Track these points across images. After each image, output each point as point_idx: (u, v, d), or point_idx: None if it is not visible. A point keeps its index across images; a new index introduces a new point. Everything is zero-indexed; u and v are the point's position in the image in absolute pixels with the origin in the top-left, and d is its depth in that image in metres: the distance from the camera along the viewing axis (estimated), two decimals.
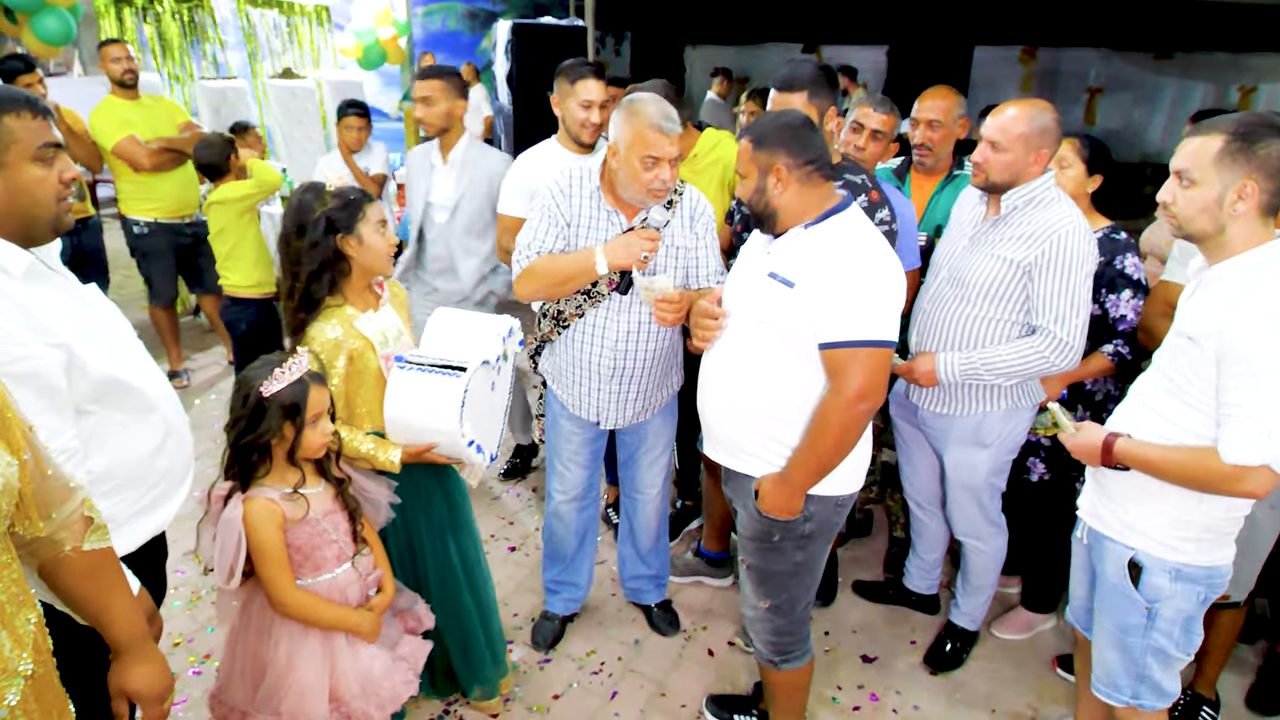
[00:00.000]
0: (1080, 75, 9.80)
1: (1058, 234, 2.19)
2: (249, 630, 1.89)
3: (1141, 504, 1.84)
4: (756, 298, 1.95)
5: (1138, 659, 1.90)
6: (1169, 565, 1.82)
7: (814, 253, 1.86)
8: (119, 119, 4.41)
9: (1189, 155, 1.69)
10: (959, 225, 2.50)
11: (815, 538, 2.06)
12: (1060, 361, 2.21)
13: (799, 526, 2.02)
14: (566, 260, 2.28)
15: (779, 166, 1.87)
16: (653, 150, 2.17)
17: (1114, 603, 1.92)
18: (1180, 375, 1.73)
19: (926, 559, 2.97)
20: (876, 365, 1.82)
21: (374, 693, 1.90)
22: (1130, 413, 1.90)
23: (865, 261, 1.83)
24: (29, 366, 1.38)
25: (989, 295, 2.30)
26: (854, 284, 1.80)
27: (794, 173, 1.87)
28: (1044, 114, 2.23)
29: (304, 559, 1.85)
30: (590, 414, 2.53)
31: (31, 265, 1.47)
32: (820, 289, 1.82)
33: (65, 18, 5.15)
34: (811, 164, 1.87)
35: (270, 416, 1.74)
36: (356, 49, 8.18)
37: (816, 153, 1.88)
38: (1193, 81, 8.98)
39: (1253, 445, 1.59)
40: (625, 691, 2.69)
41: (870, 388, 1.81)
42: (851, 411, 1.83)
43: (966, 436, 2.46)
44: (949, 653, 2.81)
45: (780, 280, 1.87)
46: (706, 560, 3.22)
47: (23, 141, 1.42)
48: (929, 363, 2.39)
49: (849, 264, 1.82)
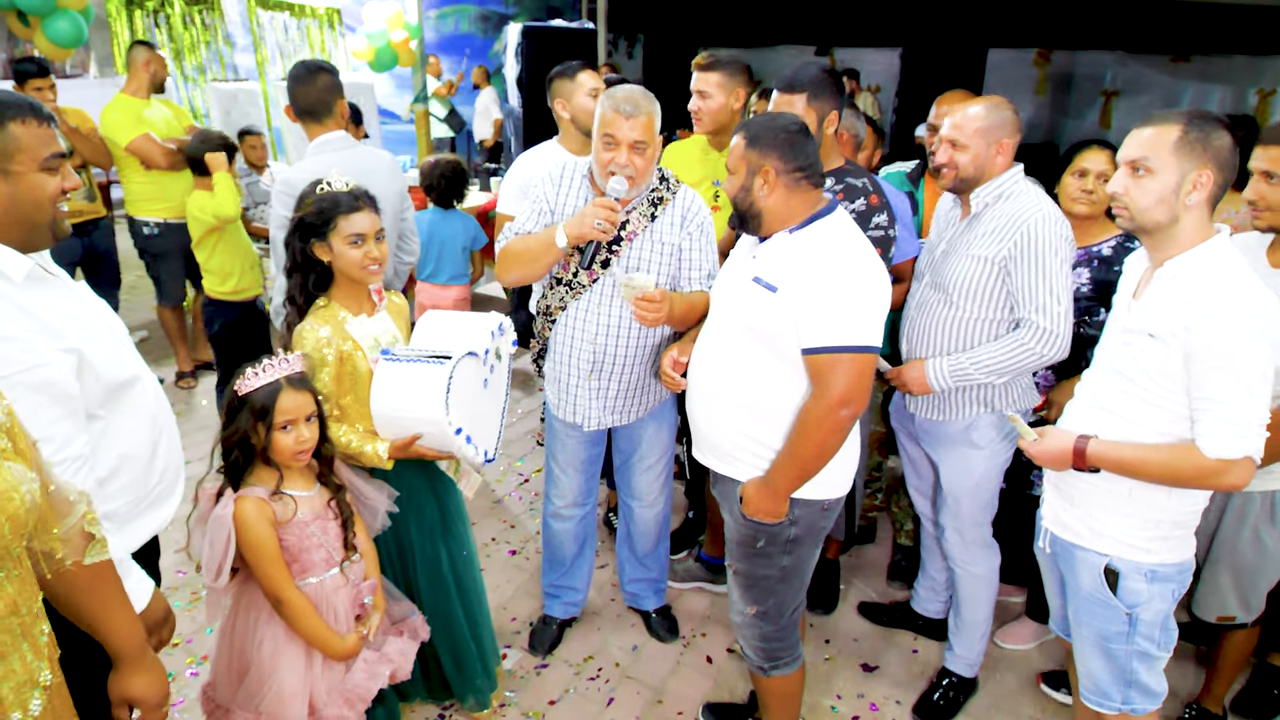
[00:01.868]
0: (1096, 78, 9.69)
1: (1026, 224, 2.16)
2: (236, 628, 1.90)
3: (1111, 508, 1.82)
4: (741, 302, 1.94)
5: (1123, 665, 1.89)
6: (1144, 568, 1.81)
7: (798, 258, 1.86)
8: (133, 116, 4.44)
9: (1144, 144, 1.68)
10: (937, 229, 2.48)
11: (801, 542, 2.04)
12: (1048, 351, 2.17)
13: (784, 531, 2.00)
14: (534, 238, 2.31)
15: (768, 168, 1.86)
16: (609, 129, 2.19)
17: (1092, 612, 1.90)
18: (1141, 375, 1.72)
19: (936, 578, 2.86)
20: (859, 370, 1.81)
21: (341, 692, 1.90)
22: (1086, 416, 1.88)
23: (848, 267, 1.83)
24: (44, 375, 1.38)
25: (970, 296, 2.27)
26: (837, 289, 1.80)
27: (782, 177, 1.86)
28: (999, 108, 2.24)
29: (291, 560, 1.85)
30: (573, 414, 2.51)
31: (31, 270, 1.47)
32: (803, 294, 1.82)
33: (77, 20, 5.19)
34: (801, 170, 1.87)
35: (241, 416, 1.75)
36: (368, 52, 8.21)
37: (807, 160, 1.87)
38: (1211, 85, 8.86)
39: (1234, 438, 1.61)
40: (622, 698, 2.66)
41: (853, 393, 1.82)
42: (834, 416, 1.83)
43: (959, 438, 2.42)
44: (942, 704, 2.62)
45: (764, 285, 1.87)
46: (707, 566, 3.20)
47: (29, 149, 1.42)
48: (918, 369, 2.35)
49: (832, 269, 1.82)
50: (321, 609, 1.89)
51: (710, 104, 2.82)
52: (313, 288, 2.04)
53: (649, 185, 2.34)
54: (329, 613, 1.90)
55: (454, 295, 4.24)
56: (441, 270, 4.19)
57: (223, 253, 3.96)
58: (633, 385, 2.47)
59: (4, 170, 1.40)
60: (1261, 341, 1.58)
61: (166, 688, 1.50)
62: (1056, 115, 9.92)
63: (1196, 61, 8.91)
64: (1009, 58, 9.79)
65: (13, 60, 4.54)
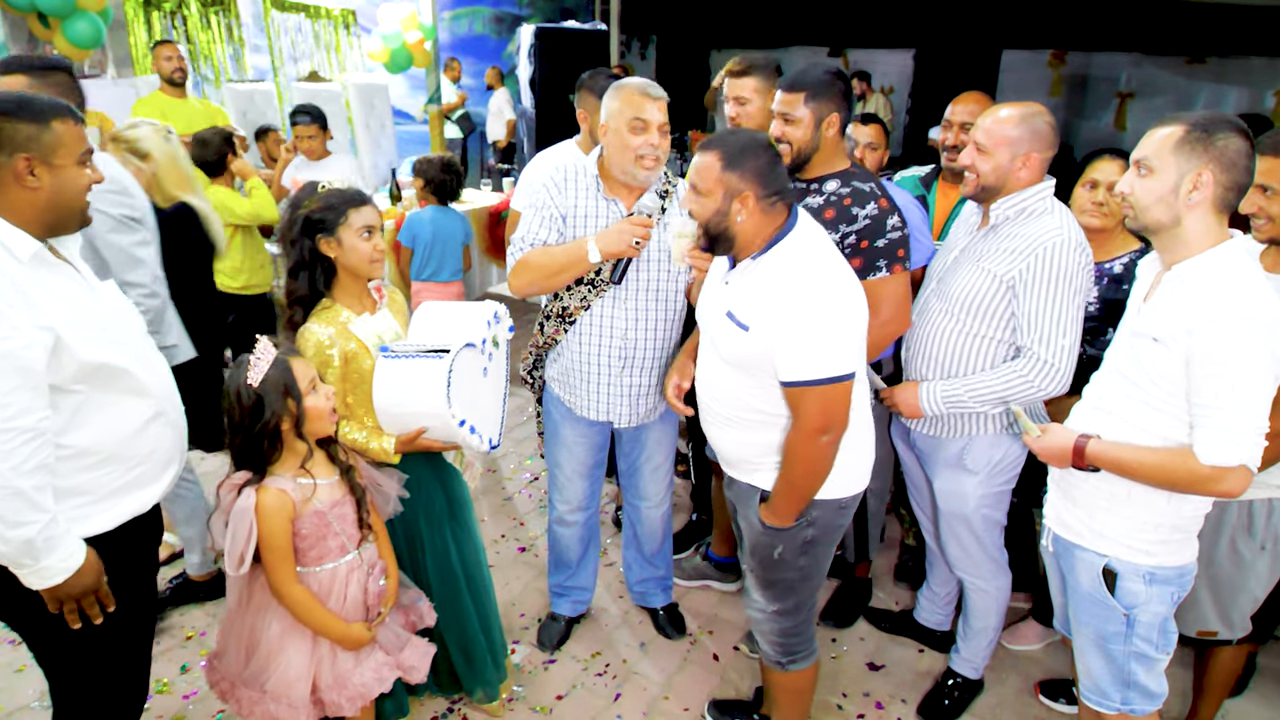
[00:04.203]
0: (1111, 80, 9.65)
1: (1043, 247, 2.06)
2: (250, 606, 1.93)
3: (1110, 509, 1.82)
4: (720, 337, 1.94)
5: (1121, 665, 1.89)
6: (1143, 570, 1.81)
7: (764, 290, 1.83)
8: (158, 111, 4.54)
9: (1149, 144, 1.69)
10: (956, 234, 2.41)
11: (818, 543, 2.05)
12: (1046, 385, 2.08)
13: (801, 533, 2.01)
14: (560, 251, 2.28)
15: (747, 194, 1.81)
16: (639, 113, 2.20)
17: (1091, 611, 1.90)
18: (1144, 378, 1.71)
19: (939, 592, 2.82)
20: (834, 398, 1.81)
21: (344, 684, 1.93)
22: (1090, 418, 1.87)
23: (814, 296, 1.78)
24: (8, 346, 1.48)
25: (971, 310, 2.19)
26: (804, 324, 1.77)
27: (760, 202, 1.82)
28: (1034, 117, 2.11)
29: (309, 547, 1.89)
30: (602, 414, 2.49)
31: (39, 252, 1.60)
32: (773, 332, 1.80)
33: (95, 21, 5.27)
34: (778, 194, 1.84)
35: (270, 401, 1.78)
36: (383, 53, 8.27)
37: (782, 182, 1.85)
38: (1226, 86, 8.79)
39: (1230, 446, 1.60)
40: (629, 694, 2.68)
41: (829, 421, 1.83)
42: (813, 444, 1.85)
43: (952, 460, 2.35)
44: (947, 704, 2.62)
45: (736, 323, 1.86)
46: (714, 564, 3.21)
47: (69, 145, 1.61)
48: (912, 393, 2.28)
49: (798, 303, 1.78)
50: (335, 594, 1.92)
51: (750, 109, 2.75)
52: (321, 285, 2.06)
53: (661, 178, 2.35)
54: (341, 598, 1.93)
55: (455, 290, 4.32)
56: (445, 268, 4.26)
57: (239, 250, 4.00)
58: (661, 375, 2.47)
59: (49, 164, 1.59)
60: (1264, 349, 1.57)
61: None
62: (1071, 117, 9.88)
63: (1212, 63, 8.85)
64: (1023, 59, 9.75)
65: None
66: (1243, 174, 1.64)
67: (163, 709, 2.57)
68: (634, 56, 10.90)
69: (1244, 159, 1.63)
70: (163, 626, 2.90)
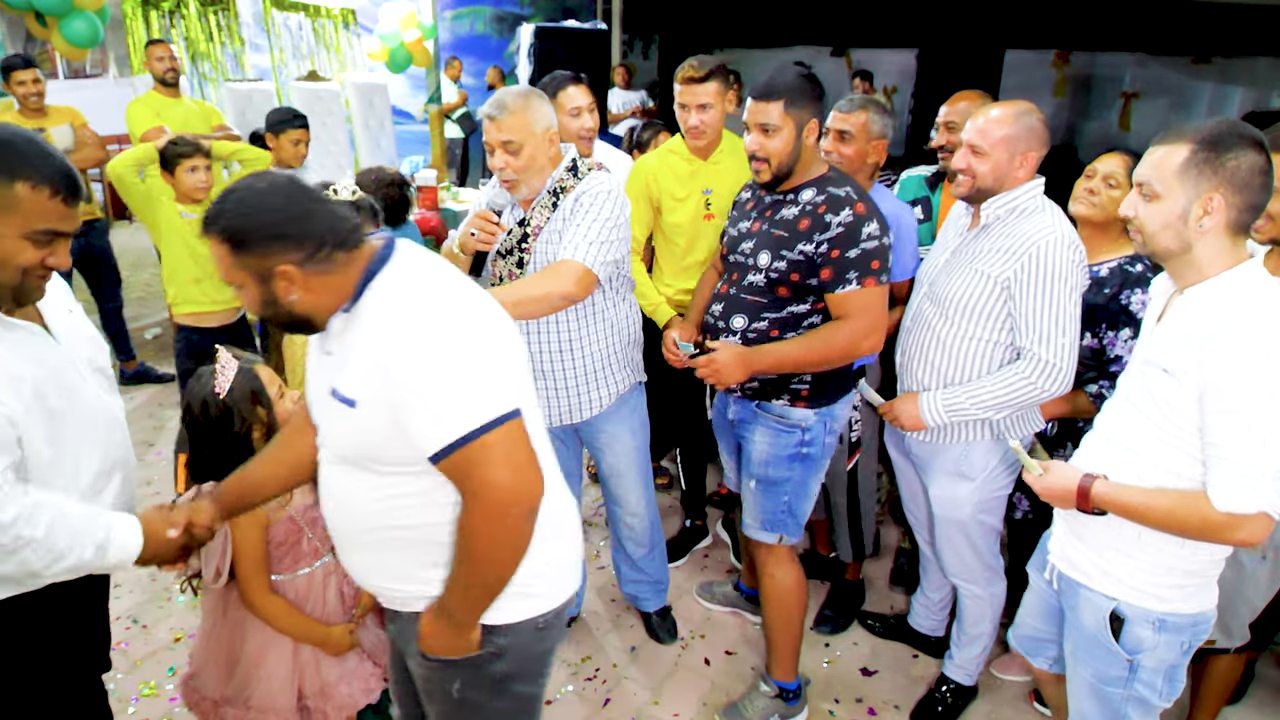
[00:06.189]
0: (1115, 80, 9.61)
1: (1036, 246, 2.02)
2: (225, 622, 1.90)
3: (1121, 551, 1.68)
4: (330, 426, 1.48)
5: (1117, 708, 1.75)
6: (1153, 615, 1.66)
7: (364, 351, 1.35)
8: (152, 111, 4.54)
9: (1151, 166, 1.55)
10: (944, 236, 2.36)
11: (517, 679, 1.55)
12: (1049, 386, 2.03)
13: (486, 668, 1.50)
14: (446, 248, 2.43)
15: (284, 269, 1.33)
16: (486, 136, 2.25)
17: (1091, 652, 1.76)
18: (1156, 411, 1.58)
19: (932, 597, 2.77)
20: (514, 442, 1.34)
21: (329, 694, 1.90)
22: (1101, 450, 1.74)
23: (435, 325, 1.34)
24: None
25: (967, 313, 2.14)
26: (436, 364, 1.31)
27: (306, 267, 1.34)
28: (1027, 114, 2.08)
29: (284, 554, 1.86)
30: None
31: None
32: (391, 393, 1.32)
33: (93, 20, 5.26)
34: (322, 248, 1.34)
35: (240, 409, 1.77)
36: (383, 52, 8.26)
37: (323, 230, 1.35)
38: (1231, 87, 8.75)
39: (1246, 491, 1.45)
40: (618, 699, 2.66)
41: (518, 481, 1.34)
42: (503, 522, 1.34)
43: (949, 467, 2.31)
44: (940, 711, 2.57)
45: (341, 399, 1.38)
46: (745, 597, 3.08)
47: (23, 215, 1.35)
48: (912, 405, 2.21)
49: (416, 341, 1.32)
50: (314, 599, 1.90)
51: (712, 115, 2.70)
52: None
53: (553, 179, 2.30)
54: (320, 602, 1.91)
55: None
56: None
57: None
58: (576, 379, 2.43)
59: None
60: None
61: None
62: (1075, 117, 9.84)
63: (1217, 63, 8.81)
64: (1027, 59, 9.72)
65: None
66: (1258, 192, 1.49)
67: (149, 712, 2.55)
68: (636, 56, 10.88)
69: (1259, 176, 1.48)
70: (149, 627, 2.89)
